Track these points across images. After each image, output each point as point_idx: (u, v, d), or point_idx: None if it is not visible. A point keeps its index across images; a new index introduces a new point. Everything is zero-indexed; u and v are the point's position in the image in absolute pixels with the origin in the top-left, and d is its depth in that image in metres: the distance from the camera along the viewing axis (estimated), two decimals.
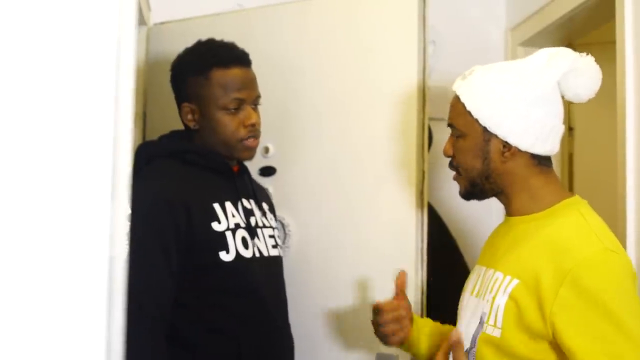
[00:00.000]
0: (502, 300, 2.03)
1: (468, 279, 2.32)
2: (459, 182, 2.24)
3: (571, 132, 4.11)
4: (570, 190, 3.67)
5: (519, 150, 2.14)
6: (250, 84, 2.58)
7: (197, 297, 2.42)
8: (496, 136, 2.14)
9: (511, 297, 2.01)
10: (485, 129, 2.15)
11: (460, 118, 2.19)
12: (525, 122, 2.09)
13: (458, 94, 2.19)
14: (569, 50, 2.15)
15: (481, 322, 2.09)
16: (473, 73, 2.21)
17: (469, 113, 2.15)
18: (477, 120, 2.15)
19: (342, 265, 2.85)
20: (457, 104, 2.20)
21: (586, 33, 3.42)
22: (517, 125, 2.10)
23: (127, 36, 0.77)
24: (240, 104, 2.53)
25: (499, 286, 2.07)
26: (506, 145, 2.14)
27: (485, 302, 2.11)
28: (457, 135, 2.20)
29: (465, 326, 2.17)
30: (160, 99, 3.02)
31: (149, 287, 2.33)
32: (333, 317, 2.85)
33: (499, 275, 2.10)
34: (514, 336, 1.99)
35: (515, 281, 2.03)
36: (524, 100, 2.08)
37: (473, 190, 2.22)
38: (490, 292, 2.09)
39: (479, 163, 2.18)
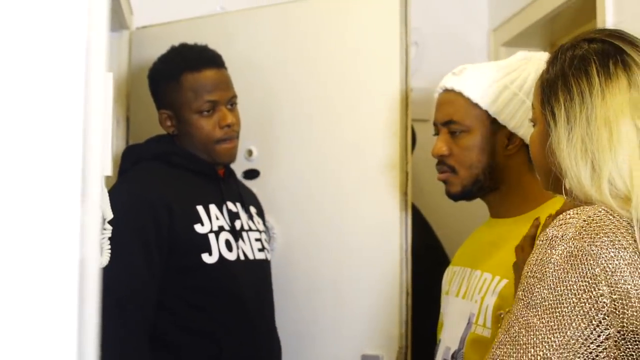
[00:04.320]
0: (491, 300, 2.03)
1: (449, 281, 2.31)
2: (452, 182, 2.21)
3: None
4: None
5: (522, 145, 2.14)
6: (222, 84, 2.57)
7: (180, 299, 2.42)
8: (503, 129, 2.15)
9: (500, 296, 2.01)
10: (493, 122, 2.15)
11: (464, 112, 2.18)
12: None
13: (458, 89, 2.18)
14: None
15: (469, 323, 2.08)
16: (468, 69, 2.22)
17: (476, 106, 2.16)
18: (486, 113, 2.15)
19: (327, 267, 2.85)
20: (457, 99, 2.19)
21: (568, 33, 3.42)
22: (526, 119, 2.11)
23: (98, 39, 0.77)
24: (214, 106, 2.54)
25: (488, 286, 2.07)
26: (510, 138, 2.15)
27: (473, 302, 2.10)
28: (460, 130, 2.18)
29: (453, 328, 2.16)
30: (143, 103, 3.01)
31: (131, 288, 2.33)
32: (318, 319, 2.85)
33: (487, 276, 2.10)
34: None
35: (504, 281, 2.03)
36: (531, 94, 2.09)
37: (472, 188, 2.20)
38: (479, 293, 2.09)
39: (486, 158, 2.18)
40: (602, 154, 1.48)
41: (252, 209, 2.69)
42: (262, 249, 2.62)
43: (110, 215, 1.73)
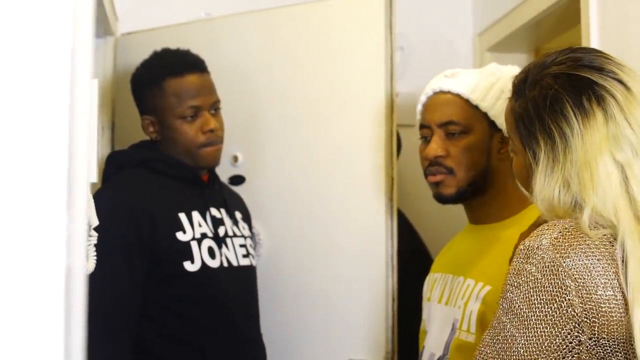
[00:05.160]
0: (474, 306, 2.04)
1: (430, 288, 2.31)
2: (447, 183, 2.19)
3: None
4: None
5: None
6: (205, 89, 2.57)
7: (163, 308, 2.41)
8: (498, 132, 2.18)
9: (484, 302, 2.02)
10: (491, 124, 2.18)
11: (463, 113, 2.18)
12: None
13: (456, 91, 2.19)
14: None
15: (453, 329, 2.09)
16: (461, 73, 2.23)
17: (476, 108, 2.17)
18: (485, 115, 2.17)
19: (313, 273, 2.85)
20: (456, 101, 2.20)
21: (553, 38, 3.44)
22: None
23: (84, 46, 0.77)
24: (197, 111, 2.53)
25: (471, 293, 2.07)
26: (502, 142, 2.17)
27: (456, 308, 2.10)
28: (460, 132, 2.18)
29: (437, 334, 2.17)
30: (128, 109, 3.00)
31: (113, 297, 2.31)
32: (305, 325, 2.85)
33: (470, 282, 2.10)
34: None
35: (487, 287, 2.03)
36: None
37: (467, 190, 2.19)
38: (462, 299, 2.09)
39: (484, 159, 2.19)
40: (586, 193, 1.52)
41: (238, 214, 2.68)
42: (246, 255, 2.61)
43: (96, 222, 1.73)
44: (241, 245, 2.60)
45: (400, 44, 3.35)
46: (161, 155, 2.57)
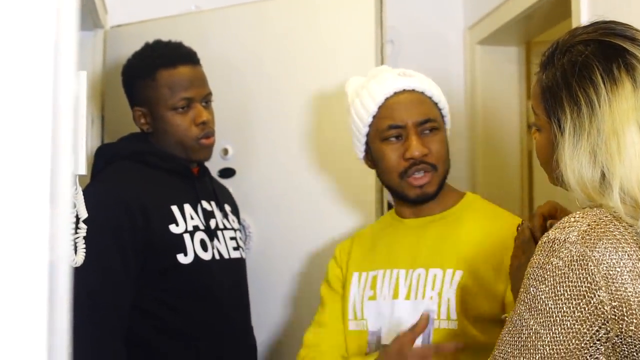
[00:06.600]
0: (450, 294, 2.06)
1: (372, 285, 2.24)
2: (432, 182, 2.20)
3: (530, 129, 4.13)
4: (531, 186, 3.70)
5: None
6: (198, 81, 2.56)
7: (156, 300, 2.41)
8: (446, 128, 2.28)
9: (460, 287, 2.04)
10: (443, 119, 2.27)
11: (434, 110, 2.24)
12: None
13: (421, 89, 2.23)
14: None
15: (430, 321, 2.07)
16: (413, 72, 2.30)
17: (436, 105, 2.25)
18: (441, 112, 2.26)
19: (303, 266, 2.85)
20: (425, 99, 2.24)
21: (543, 31, 3.45)
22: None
23: (68, 37, 0.76)
24: (189, 103, 2.53)
25: (442, 281, 2.09)
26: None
27: (427, 300, 2.10)
28: (436, 128, 2.22)
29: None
30: (118, 102, 2.99)
31: (106, 289, 2.31)
32: (295, 318, 2.85)
33: (436, 271, 2.11)
34: (471, 325, 2.03)
35: (459, 272, 2.06)
36: None
37: (442, 185, 2.24)
38: (433, 289, 2.10)
39: (448, 155, 2.25)
40: (613, 163, 1.45)
41: (227, 207, 2.68)
42: (237, 248, 2.61)
43: (85, 214, 1.72)
44: (231, 238, 2.60)
45: (390, 37, 3.34)
46: (152, 147, 2.56)
